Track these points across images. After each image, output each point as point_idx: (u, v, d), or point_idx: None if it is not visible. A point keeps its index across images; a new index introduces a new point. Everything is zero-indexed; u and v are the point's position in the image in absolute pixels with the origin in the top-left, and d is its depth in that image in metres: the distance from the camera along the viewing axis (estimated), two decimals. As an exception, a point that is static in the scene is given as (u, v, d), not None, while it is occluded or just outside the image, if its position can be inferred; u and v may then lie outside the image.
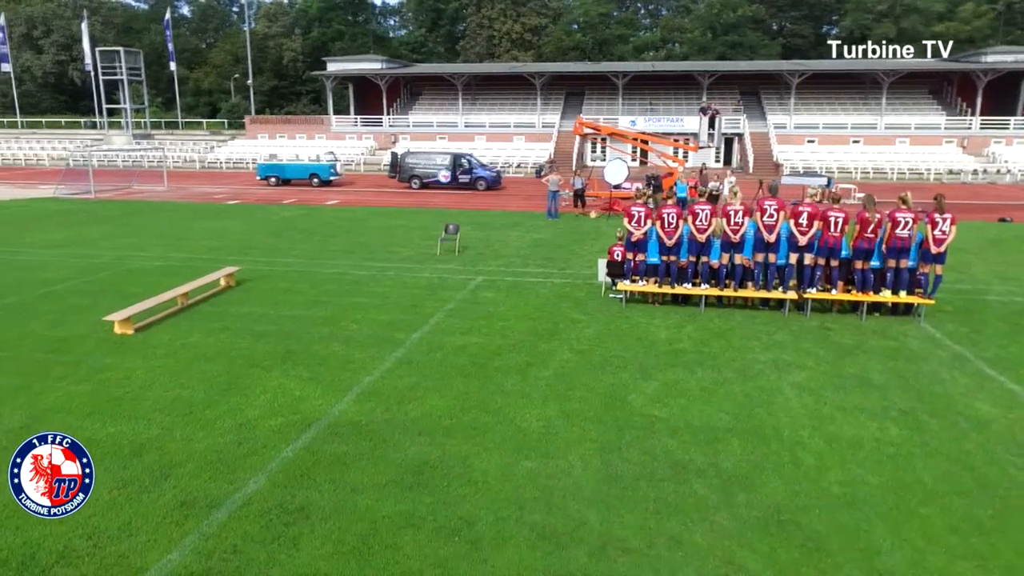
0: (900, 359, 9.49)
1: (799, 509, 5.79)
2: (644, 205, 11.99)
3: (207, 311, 11.83)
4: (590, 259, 15.74)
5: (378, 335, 10.44)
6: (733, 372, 8.96)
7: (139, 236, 19.75)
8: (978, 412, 7.73)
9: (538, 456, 6.69)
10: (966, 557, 5.16)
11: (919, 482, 6.23)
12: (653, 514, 5.69)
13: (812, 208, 11.24)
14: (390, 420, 7.47)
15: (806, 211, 11.22)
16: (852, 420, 7.52)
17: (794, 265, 11.61)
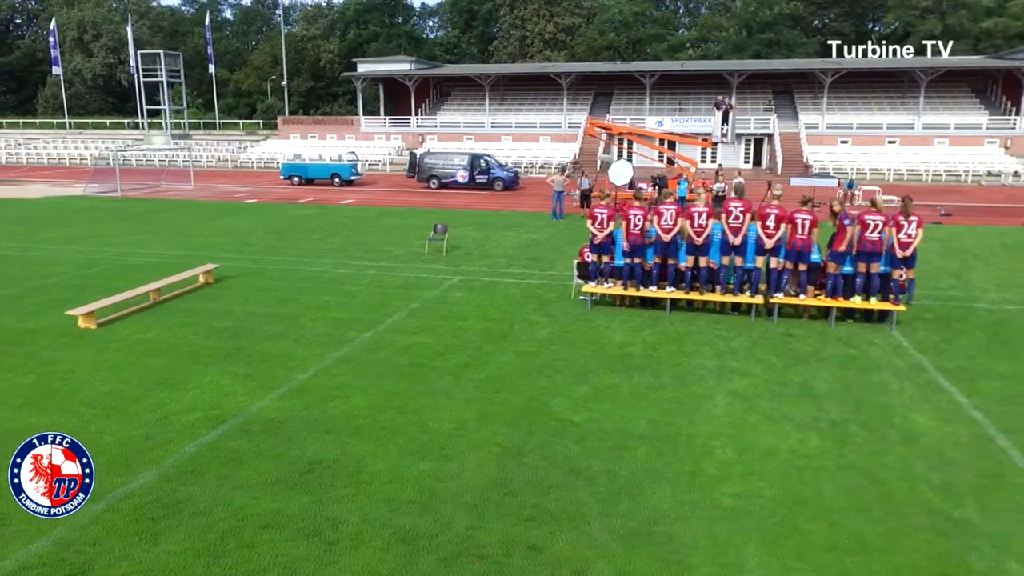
0: (853, 368, 9.14)
1: (678, 520, 5.61)
2: (607, 206, 11.82)
3: (177, 307, 12.10)
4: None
5: (330, 333, 10.51)
6: (672, 378, 8.75)
7: (148, 233, 20.32)
8: (913, 425, 7.39)
9: (436, 458, 6.64)
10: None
11: (817, 496, 5.98)
12: (524, 521, 5.59)
13: (779, 210, 10.91)
14: (305, 418, 7.51)
15: (773, 213, 10.90)
16: (775, 430, 7.26)
17: (761, 269, 11.30)
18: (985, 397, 8.13)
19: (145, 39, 68.47)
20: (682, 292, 11.61)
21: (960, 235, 20.31)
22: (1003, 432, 7.21)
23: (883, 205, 10.88)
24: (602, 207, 11.85)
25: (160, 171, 41.34)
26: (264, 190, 33.94)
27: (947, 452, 6.78)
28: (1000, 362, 9.36)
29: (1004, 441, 7.01)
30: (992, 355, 9.66)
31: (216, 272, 14.31)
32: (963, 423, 7.44)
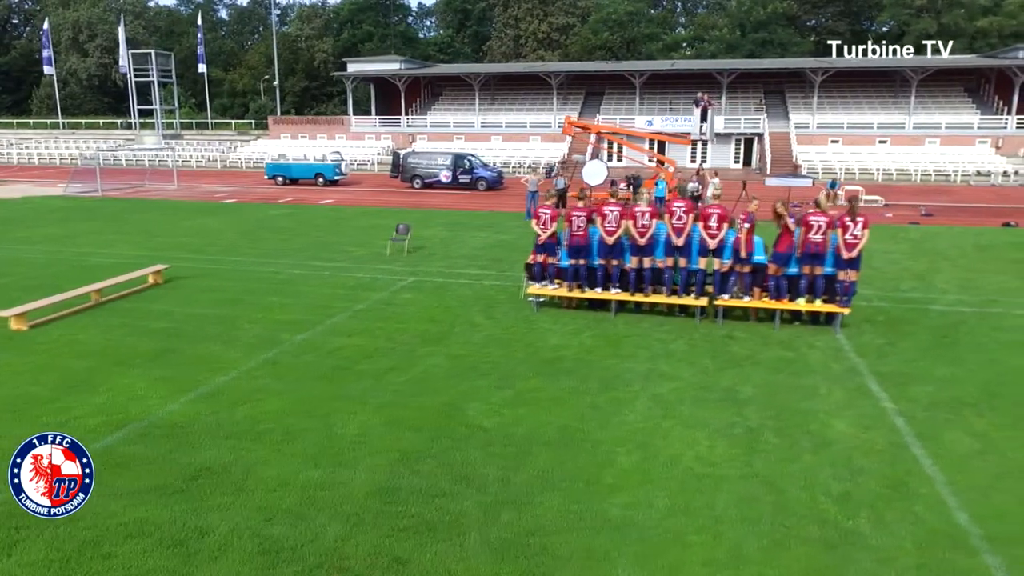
0: (786, 372, 8.95)
1: (558, 531, 5.44)
2: (552, 207, 11.64)
3: (119, 308, 11.97)
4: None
5: (264, 335, 10.36)
6: (598, 382, 8.57)
7: (116, 234, 20.21)
8: (830, 431, 7.20)
9: (330, 465, 6.48)
10: (704, 591, 4.77)
11: (709, 506, 5.80)
12: (398, 532, 5.42)
13: (721, 210, 10.72)
14: (210, 422, 7.36)
15: (715, 213, 10.71)
16: (686, 436, 7.08)
17: (705, 270, 11.11)
18: (912, 403, 7.93)
19: (140, 39, 68.44)
20: (627, 294, 11.44)
21: (935, 235, 20.09)
22: (921, 439, 7.02)
23: (827, 205, 10.66)
24: (547, 207, 11.68)
25: (148, 171, 41.27)
26: (247, 190, 33.84)
27: (857, 460, 6.59)
28: (939, 366, 9.17)
29: (919, 449, 6.82)
30: (933, 358, 9.46)
31: (170, 272, 14.20)
32: (882, 430, 7.25)
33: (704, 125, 27.78)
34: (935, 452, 6.74)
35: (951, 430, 7.24)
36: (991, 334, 10.58)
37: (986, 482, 6.19)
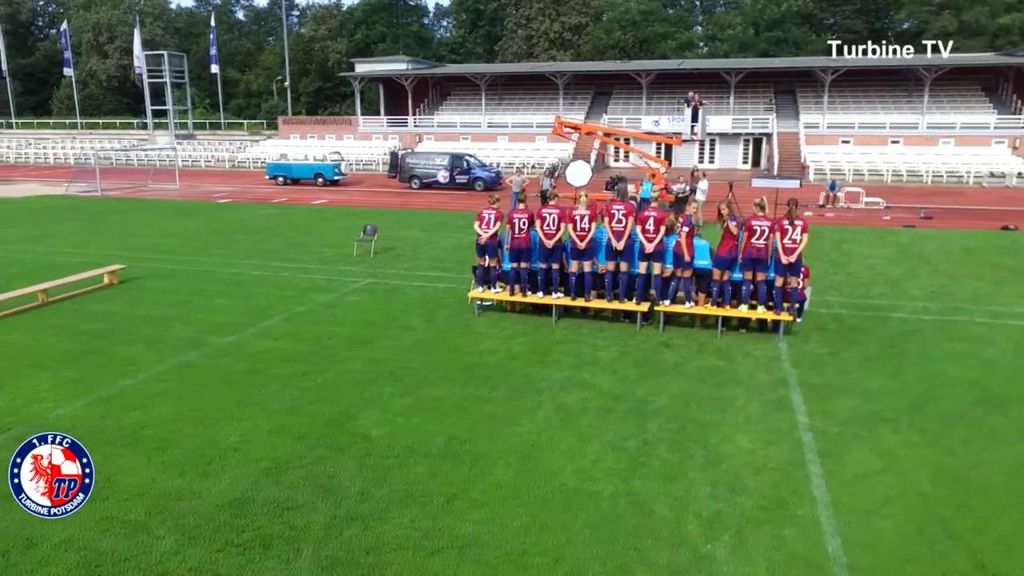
0: (709, 382, 8.60)
1: (398, 549, 5.20)
2: (495, 208, 11.38)
3: (62, 308, 11.95)
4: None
5: (192, 337, 10.25)
6: (509, 390, 8.31)
7: (93, 233, 20.35)
8: (729, 447, 6.86)
9: (195, 475, 6.30)
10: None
11: (566, 526, 5.51)
12: (232, 547, 5.21)
13: (658, 214, 10.38)
14: (94, 428, 7.22)
15: (652, 216, 10.37)
16: (575, 450, 6.79)
17: (644, 275, 10.78)
18: (829, 417, 7.55)
19: (159, 40, 69.48)
20: (568, 299, 11.14)
21: (925, 239, 19.45)
22: (822, 457, 6.65)
23: (759, 209, 10.27)
24: (490, 208, 11.43)
25: (159, 170, 41.74)
26: (246, 190, 34.02)
27: (744, 478, 6.25)
28: (874, 377, 8.75)
29: (816, 467, 6.45)
30: (871, 370, 9.03)
31: (130, 273, 14.23)
32: (785, 446, 6.89)
33: (695, 124, 27.25)
34: (831, 471, 6.37)
35: (858, 447, 6.85)
36: (943, 344, 10.11)
37: (873, 505, 5.82)
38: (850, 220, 23.73)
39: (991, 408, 7.76)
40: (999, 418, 7.51)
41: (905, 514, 5.68)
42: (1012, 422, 7.40)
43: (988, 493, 6.01)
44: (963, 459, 6.61)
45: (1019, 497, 5.92)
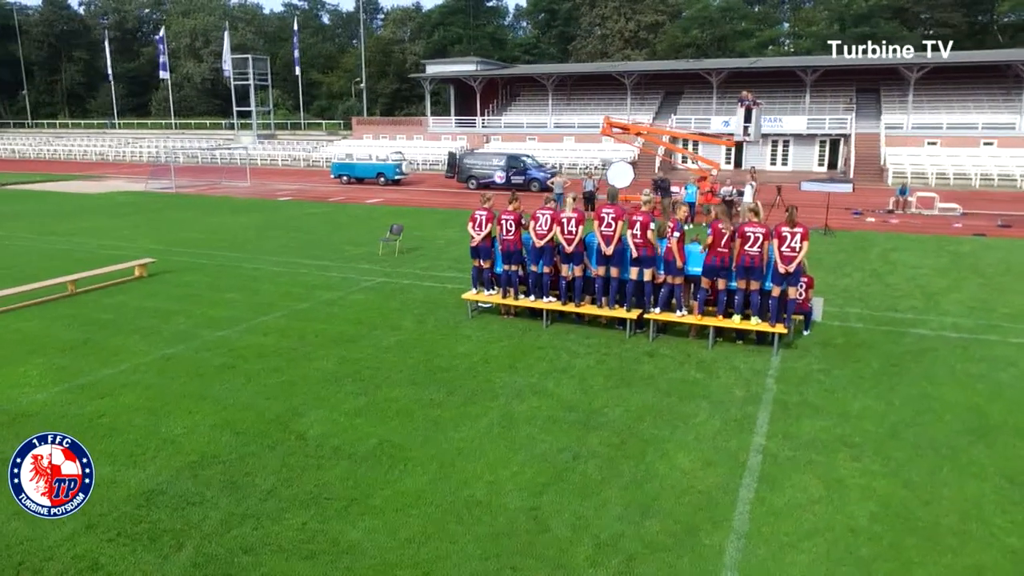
0: (676, 395, 8.18)
1: (276, 551, 5.17)
2: (487, 209, 11.25)
3: (85, 298, 12.63)
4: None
5: (186, 331, 10.62)
6: (465, 394, 8.18)
7: (149, 228, 21.49)
8: (663, 465, 6.49)
9: (123, 464, 6.48)
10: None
11: (452, 539, 5.33)
12: (121, 537, 5.32)
13: (644, 218, 9.97)
14: (55, 414, 7.57)
15: (639, 221, 9.98)
16: (500, 459, 6.58)
17: (634, 281, 10.39)
18: (789, 439, 7.04)
19: (249, 45, 72.91)
20: (558, 304, 10.89)
21: (988, 249, 17.96)
22: (761, 481, 6.20)
23: (753, 215, 9.69)
24: (482, 209, 11.30)
25: (233, 168, 43.74)
26: (309, 188, 35.14)
27: (664, 500, 5.89)
28: (860, 398, 8.11)
29: (749, 493, 6.02)
30: (860, 390, 8.37)
31: (161, 266, 14.92)
32: (725, 467, 6.46)
33: (748, 125, 26.15)
34: (763, 498, 5.92)
35: (805, 474, 6.35)
36: (956, 364, 9.26)
37: (793, 539, 5.36)
38: (915, 227, 22.20)
39: (978, 438, 7.04)
40: (981, 449, 6.80)
41: (825, 550, 5.21)
42: (994, 454, 6.69)
43: (930, 533, 5.43)
44: (919, 493, 6.01)
45: (963, 540, 5.32)
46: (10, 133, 69.68)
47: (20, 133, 70.06)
